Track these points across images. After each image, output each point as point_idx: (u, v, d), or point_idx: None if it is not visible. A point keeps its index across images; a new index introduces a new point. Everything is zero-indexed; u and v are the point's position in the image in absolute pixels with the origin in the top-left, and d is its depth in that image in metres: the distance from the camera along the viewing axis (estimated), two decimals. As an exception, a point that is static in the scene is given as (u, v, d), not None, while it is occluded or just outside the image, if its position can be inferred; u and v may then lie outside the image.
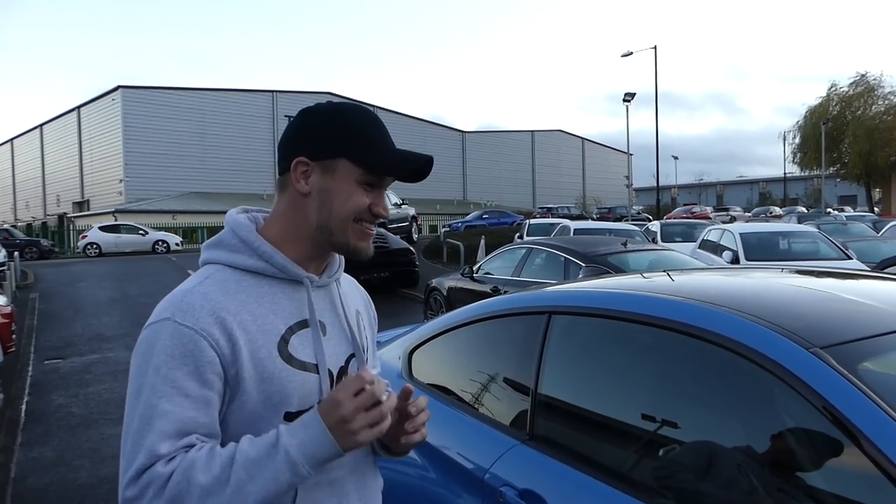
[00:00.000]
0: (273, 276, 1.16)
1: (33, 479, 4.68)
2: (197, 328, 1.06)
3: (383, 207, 1.19)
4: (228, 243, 1.18)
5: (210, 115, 45.92)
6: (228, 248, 1.18)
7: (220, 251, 1.19)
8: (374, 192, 1.18)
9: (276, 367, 1.11)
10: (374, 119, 1.20)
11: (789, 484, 1.43)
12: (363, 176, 1.16)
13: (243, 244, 1.17)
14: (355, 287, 1.41)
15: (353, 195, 1.16)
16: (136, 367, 1.08)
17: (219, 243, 1.20)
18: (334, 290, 1.27)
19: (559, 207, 38.54)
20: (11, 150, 58.51)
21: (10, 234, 27.17)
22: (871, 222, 20.97)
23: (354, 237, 1.18)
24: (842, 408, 1.29)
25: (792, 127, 47.53)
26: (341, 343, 1.23)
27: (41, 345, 9.45)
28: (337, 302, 1.26)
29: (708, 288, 2.10)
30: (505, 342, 2.28)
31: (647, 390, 1.81)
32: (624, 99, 33.20)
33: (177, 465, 1.00)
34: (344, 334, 1.24)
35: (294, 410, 1.11)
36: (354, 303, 1.34)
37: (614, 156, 71.04)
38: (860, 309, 1.74)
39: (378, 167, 1.16)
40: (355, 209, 1.16)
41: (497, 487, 1.81)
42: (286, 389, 1.11)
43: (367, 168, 1.16)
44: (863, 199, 50.54)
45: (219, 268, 1.17)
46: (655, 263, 7.35)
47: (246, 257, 1.16)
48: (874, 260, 9.92)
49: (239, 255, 1.16)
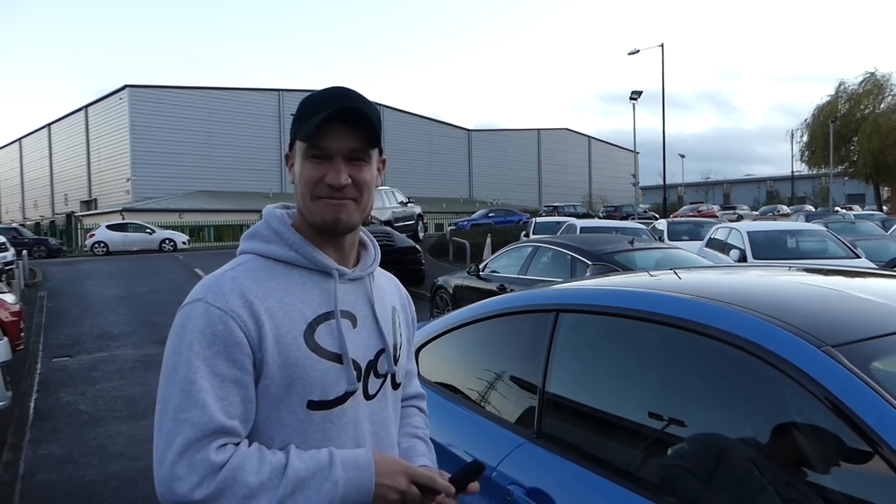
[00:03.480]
0: (303, 266, 1.19)
1: (42, 475, 4.70)
2: (227, 309, 1.09)
3: (332, 177, 1.15)
4: (262, 234, 1.22)
5: (217, 114, 46.02)
6: (262, 239, 1.21)
7: (254, 241, 1.22)
8: (326, 163, 1.16)
9: (301, 353, 1.12)
10: (326, 93, 1.19)
11: (800, 483, 1.41)
12: (306, 149, 1.17)
13: (275, 234, 1.20)
14: (395, 285, 1.42)
15: (303, 170, 1.17)
16: (171, 347, 1.11)
17: (254, 234, 1.24)
18: (368, 284, 1.27)
19: (565, 206, 38.45)
20: (20, 150, 58.80)
21: (19, 233, 27.31)
22: (879, 221, 20.84)
23: (318, 212, 1.17)
24: (854, 406, 1.28)
25: (800, 125, 47.38)
26: (372, 337, 1.24)
27: (49, 343, 9.49)
28: (370, 295, 1.26)
29: (717, 286, 2.08)
30: (512, 340, 2.27)
31: (655, 389, 1.80)
32: (631, 97, 33.11)
33: (228, 458, 1.03)
34: (375, 329, 1.25)
35: (317, 399, 1.13)
36: (391, 299, 1.35)
37: (620, 154, 70.83)
38: (872, 307, 1.73)
39: (302, 134, 1.16)
40: (308, 183, 1.16)
41: (505, 486, 1.80)
42: (310, 377, 1.12)
43: (302, 140, 1.17)
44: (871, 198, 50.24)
45: (252, 257, 1.20)
46: (662, 262, 7.33)
47: (277, 247, 1.19)
48: (883, 259, 9.87)
49: (271, 245, 1.20)
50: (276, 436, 1.12)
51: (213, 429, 1.03)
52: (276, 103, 48.62)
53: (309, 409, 1.12)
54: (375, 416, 1.23)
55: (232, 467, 1.01)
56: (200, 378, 1.05)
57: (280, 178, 47.98)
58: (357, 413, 1.18)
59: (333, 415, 1.15)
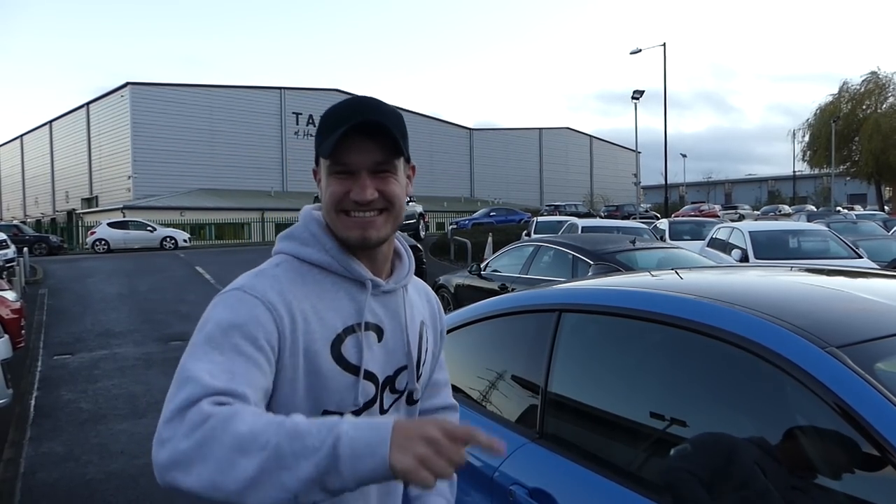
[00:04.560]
0: (338, 273, 1.17)
1: (42, 473, 4.70)
2: (263, 299, 1.08)
3: (357, 193, 1.13)
4: (300, 236, 1.20)
5: (218, 111, 45.99)
6: (299, 241, 1.20)
7: (291, 243, 1.21)
8: (350, 178, 1.13)
9: (325, 363, 1.11)
10: (344, 105, 1.16)
11: (807, 487, 1.41)
12: (330, 165, 1.14)
13: (313, 238, 1.19)
14: (426, 295, 1.39)
15: (329, 186, 1.15)
16: (199, 325, 1.08)
17: (291, 236, 1.22)
18: (400, 297, 1.25)
19: (567, 205, 38.44)
20: (21, 147, 58.81)
21: (20, 230, 27.33)
22: (881, 221, 20.84)
23: (345, 229, 1.15)
24: (858, 407, 1.27)
25: (801, 125, 47.33)
26: (396, 352, 1.22)
27: (50, 340, 9.49)
28: (400, 309, 1.24)
29: (720, 286, 2.08)
30: (514, 340, 2.26)
31: (658, 389, 1.79)
32: (633, 97, 33.07)
33: (220, 409, 0.90)
34: (401, 344, 1.23)
35: (332, 409, 1.12)
36: (421, 312, 1.32)
37: (622, 153, 70.76)
38: (875, 308, 1.72)
39: (322, 152, 1.13)
40: (331, 199, 1.15)
41: (507, 486, 1.80)
42: (329, 387, 1.12)
43: (322, 154, 1.14)
44: (872, 198, 50.19)
45: (288, 258, 1.19)
46: (664, 261, 7.32)
47: (314, 251, 1.18)
48: (885, 259, 9.86)
49: (308, 248, 1.18)
50: None
51: (218, 389, 0.94)
52: (278, 101, 48.60)
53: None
54: None
55: (223, 416, 0.89)
56: (217, 354, 1.00)
57: (281, 176, 47.98)
58: None
59: None
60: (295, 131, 48.88)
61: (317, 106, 49.49)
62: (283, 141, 48.29)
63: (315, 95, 49.83)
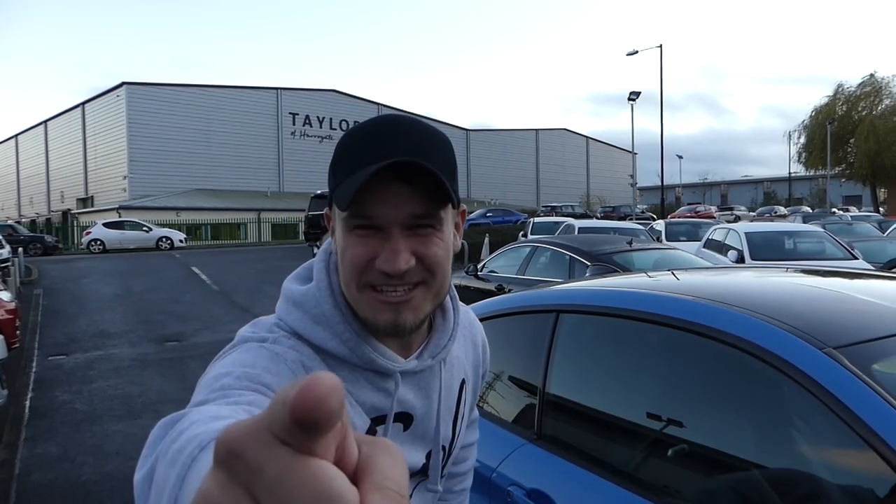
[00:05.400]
0: (356, 364, 0.89)
1: (37, 474, 4.68)
2: (287, 360, 0.84)
3: (386, 261, 0.81)
4: (311, 311, 0.89)
5: (214, 112, 45.91)
6: (310, 317, 0.89)
7: (299, 314, 0.90)
8: (377, 237, 0.82)
9: None
10: (369, 134, 0.83)
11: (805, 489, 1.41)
12: (350, 219, 0.82)
13: (324, 319, 0.88)
14: (470, 336, 1.10)
15: (346, 248, 0.84)
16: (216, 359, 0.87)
17: (301, 303, 0.90)
18: (436, 372, 0.97)
19: (563, 206, 38.47)
20: (16, 147, 58.60)
21: (15, 230, 27.23)
22: (876, 222, 20.90)
23: (370, 309, 0.85)
24: (856, 408, 1.28)
25: (797, 126, 47.46)
26: (426, 438, 0.98)
27: (45, 341, 9.46)
28: (434, 388, 0.97)
29: (717, 287, 2.08)
30: (512, 341, 2.26)
31: (656, 390, 1.79)
32: (629, 98, 33.11)
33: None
34: (432, 428, 0.98)
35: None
36: (461, 369, 1.05)
37: (618, 155, 70.87)
38: (872, 309, 1.72)
39: (339, 203, 0.80)
40: (350, 266, 0.83)
41: (505, 487, 1.79)
42: None
43: (338, 205, 0.81)
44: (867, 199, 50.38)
45: (293, 339, 0.88)
46: (661, 262, 7.33)
47: (327, 336, 0.87)
48: (880, 260, 9.89)
49: (319, 328, 0.88)
50: None
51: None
52: (275, 102, 48.53)
53: None
54: None
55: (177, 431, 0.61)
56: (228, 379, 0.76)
57: (278, 176, 47.92)
58: None
59: None
60: (291, 132, 48.82)
61: (313, 106, 49.48)
62: (279, 141, 48.22)
63: (311, 96, 49.80)
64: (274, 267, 17.27)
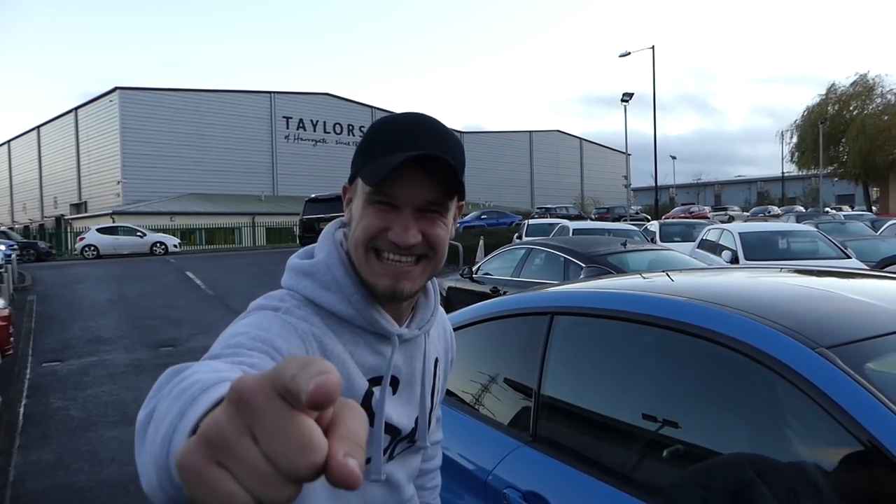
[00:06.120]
0: (360, 326, 1.01)
1: (32, 482, 4.65)
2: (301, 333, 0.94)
3: (397, 234, 0.95)
4: (321, 278, 1.01)
5: (208, 116, 45.82)
6: (319, 284, 1.01)
7: (308, 283, 1.01)
8: (392, 213, 0.97)
9: None
10: (401, 125, 0.99)
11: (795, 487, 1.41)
12: (371, 193, 0.97)
13: (336, 284, 1.00)
14: (441, 325, 1.24)
15: (363, 217, 0.98)
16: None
17: (309, 273, 1.02)
18: (421, 343, 1.12)
19: (558, 208, 38.53)
20: (9, 153, 58.36)
21: (8, 237, 27.11)
22: (869, 221, 20.99)
23: (372, 273, 0.98)
24: (848, 408, 1.28)
25: (789, 126, 47.70)
26: (412, 403, 1.11)
27: (39, 347, 9.41)
28: (419, 359, 1.11)
29: (710, 287, 2.09)
30: (507, 343, 2.27)
31: (650, 391, 1.80)
32: (622, 99, 33.24)
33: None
34: (417, 394, 1.11)
35: None
36: (435, 350, 1.19)
37: (612, 156, 71.04)
38: (865, 308, 1.73)
39: (364, 176, 0.96)
40: (363, 232, 0.97)
41: (500, 489, 1.80)
42: None
43: (365, 180, 0.96)
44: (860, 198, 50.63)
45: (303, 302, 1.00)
46: (655, 263, 7.34)
47: (336, 300, 1.00)
48: (873, 259, 9.92)
49: (329, 294, 1.00)
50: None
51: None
52: (269, 105, 48.48)
53: None
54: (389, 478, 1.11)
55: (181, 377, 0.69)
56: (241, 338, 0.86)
57: (272, 180, 47.86)
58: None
59: None
60: (285, 135, 48.77)
61: (307, 110, 49.45)
62: (273, 145, 48.17)
63: (305, 99, 49.77)
64: (268, 271, 17.23)
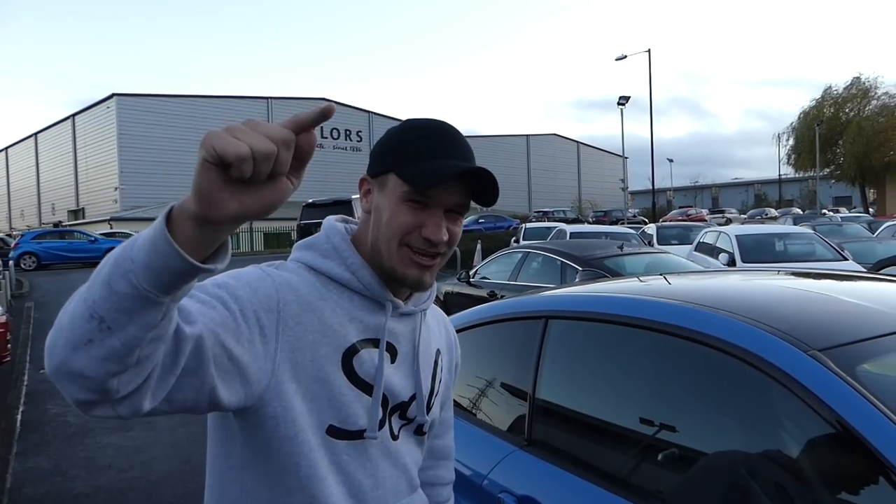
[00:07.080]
0: (357, 290, 1.09)
1: (29, 489, 4.64)
2: (278, 283, 1.03)
3: (433, 232, 1.05)
4: (321, 247, 1.12)
5: (205, 121, 45.75)
6: (319, 252, 1.12)
7: (309, 253, 1.12)
8: (425, 212, 1.05)
9: (333, 372, 1.04)
10: (434, 132, 1.09)
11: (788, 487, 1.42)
12: (408, 193, 1.05)
13: (334, 251, 1.11)
14: (444, 324, 1.32)
15: (398, 213, 1.06)
16: None
17: (311, 245, 1.14)
18: (417, 322, 1.18)
19: (555, 211, 38.59)
20: (6, 159, 58.33)
21: (5, 243, 27.05)
22: (866, 223, 21.04)
23: (401, 263, 1.07)
24: (841, 410, 1.29)
25: (786, 129, 47.81)
26: (408, 378, 1.15)
27: (37, 354, 9.38)
28: (417, 334, 1.17)
29: (705, 291, 2.09)
30: (502, 347, 2.27)
31: (645, 395, 1.80)
32: (619, 102, 33.31)
33: None
34: (412, 370, 1.16)
35: (337, 426, 1.04)
36: (437, 340, 1.25)
37: (609, 159, 71.15)
38: (858, 311, 1.74)
39: (413, 179, 1.04)
40: (398, 228, 1.05)
41: (495, 494, 1.80)
42: (334, 398, 1.03)
43: (407, 181, 1.04)
44: (857, 200, 50.74)
45: (304, 267, 1.11)
46: (652, 266, 7.35)
47: (334, 265, 1.10)
48: (870, 261, 9.94)
49: (328, 260, 1.10)
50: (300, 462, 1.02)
51: None
52: (266, 111, 48.52)
53: (329, 436, 1.03)
54: (396, 459, 1.13)
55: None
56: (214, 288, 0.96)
57: (269, 185, 47.81)
58: (379, 452, 1.10)
59: (354, 447, 1.06)
60: (282, 140, 48.79)
61: (304, 115, 49.41)
62: (270, 150, 48.17)
63: (303, 105, 49.74)
64: (266, 276, 17.10)
